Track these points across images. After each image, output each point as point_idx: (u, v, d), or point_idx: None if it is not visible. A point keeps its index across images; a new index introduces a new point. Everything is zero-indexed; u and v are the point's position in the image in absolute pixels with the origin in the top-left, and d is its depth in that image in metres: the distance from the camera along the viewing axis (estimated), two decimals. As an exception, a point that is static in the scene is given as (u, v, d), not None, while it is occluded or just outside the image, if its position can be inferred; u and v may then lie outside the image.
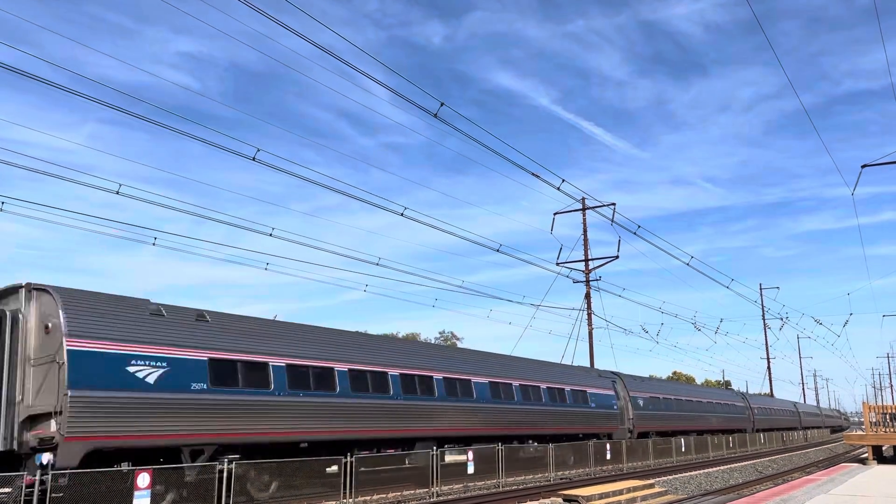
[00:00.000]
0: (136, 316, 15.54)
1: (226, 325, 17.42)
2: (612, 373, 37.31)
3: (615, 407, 34.69)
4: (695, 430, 45.03)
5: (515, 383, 27.23)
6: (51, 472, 12.51)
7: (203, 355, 16.19)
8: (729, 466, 33.18)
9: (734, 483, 27.63)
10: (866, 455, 27.50)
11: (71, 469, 13.11)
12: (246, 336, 17.61)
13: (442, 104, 20.75)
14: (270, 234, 23.94)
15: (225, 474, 15.30)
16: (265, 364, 17.58)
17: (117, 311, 15.26)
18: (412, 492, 20.11)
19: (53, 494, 12.37)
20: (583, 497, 19.79)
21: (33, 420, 13.99)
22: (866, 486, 17.18)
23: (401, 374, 21.59)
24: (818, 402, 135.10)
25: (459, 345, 75.34)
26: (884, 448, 28.90)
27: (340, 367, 19.59)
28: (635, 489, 22.12)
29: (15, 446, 13.70)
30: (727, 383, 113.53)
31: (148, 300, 16.30)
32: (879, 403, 30.31)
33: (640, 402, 37.56)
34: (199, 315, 17.01)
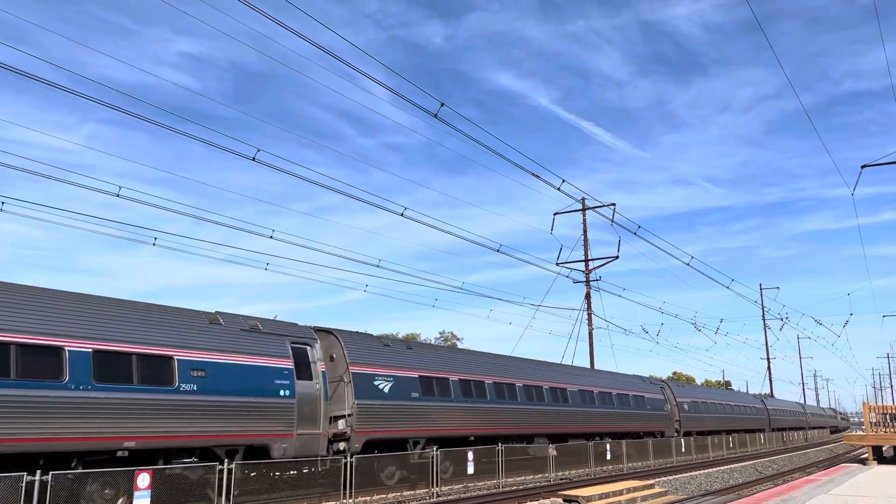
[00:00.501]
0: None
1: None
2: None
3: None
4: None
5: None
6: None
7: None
8: (729, 467, 33.17)
9: (734, 483, 27.62)
10: (866, 455, 27.51)
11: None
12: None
13: (442, 104, 20.76)
14: (271, 237, 23.97)
15: (224, 473, 15.31)
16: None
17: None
18: (412, 492, 20.15)
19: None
20: (583, 497, 19.78)
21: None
22: (866, 486, 17.18)
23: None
24: (818, 402, 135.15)
25: (459, 345, 75.34)
26: (884, 448, 28.90)
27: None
28: (635, 489, 22.12)
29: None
30: (727, 383, 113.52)
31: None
32: (879, 404, 30.30)
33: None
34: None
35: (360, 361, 20.39)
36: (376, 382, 20.41)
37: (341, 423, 19.69)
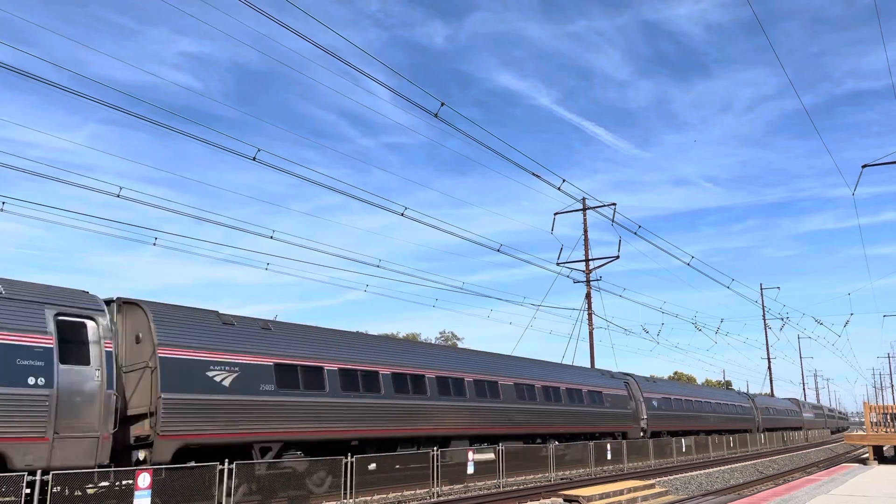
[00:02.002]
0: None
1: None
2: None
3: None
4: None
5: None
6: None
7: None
8: (730, 466, 33.17)
9: (735, 483, 27.63)
10: (867, 455, 27.50)
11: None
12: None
13: (442, 104, 20.75)
14: (271, 237, 23.96)
15: (222, 473, 15.31)
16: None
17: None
18: (412, 492, 20.14)
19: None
20: (583, 497, 19.78)
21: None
22: (867, 486, 17.18)
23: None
24: (818, 401, 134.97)
25: (460, 345, 75.29)
26: (884, 448, 28.90)
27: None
28: (636, 489, 22.12)
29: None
30: (728, 383, 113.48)
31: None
32: (880, 403, 30.29)
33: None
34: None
35: (176, 343, 15.76)
36: (209, 372, 16.11)
37: (146, 424, 15.27)
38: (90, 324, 14.23)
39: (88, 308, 14.45)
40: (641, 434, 36.39)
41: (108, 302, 15.85)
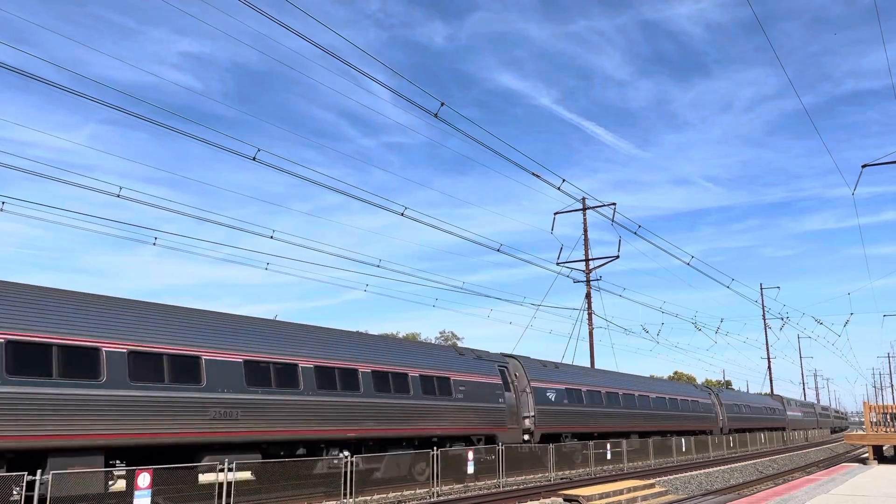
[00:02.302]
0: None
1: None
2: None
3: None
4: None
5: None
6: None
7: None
8: (729, 466, 33.18)
9: (734, 483, 27.64)
10: (867, 455, 27.52)
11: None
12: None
13: (442, 104, 20.77)
14: (271, 237, 23.97)
15: (227, 475, 15.30)
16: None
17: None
18: (412, 492, 20.14)
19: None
20: (583, 497, 19.80)
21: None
22: (867, 485, 17.19)
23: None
24: (818, 400, 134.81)
25: (460, 345, 75.18)
26: (884, 448, 28.91)
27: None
28: (636, 489, 22.14)
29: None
30: (728, 383, 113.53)
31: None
32: (880, 403, 30.31)
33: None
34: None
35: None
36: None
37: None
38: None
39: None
40: (525, 438, 27.81)
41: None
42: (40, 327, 13.75)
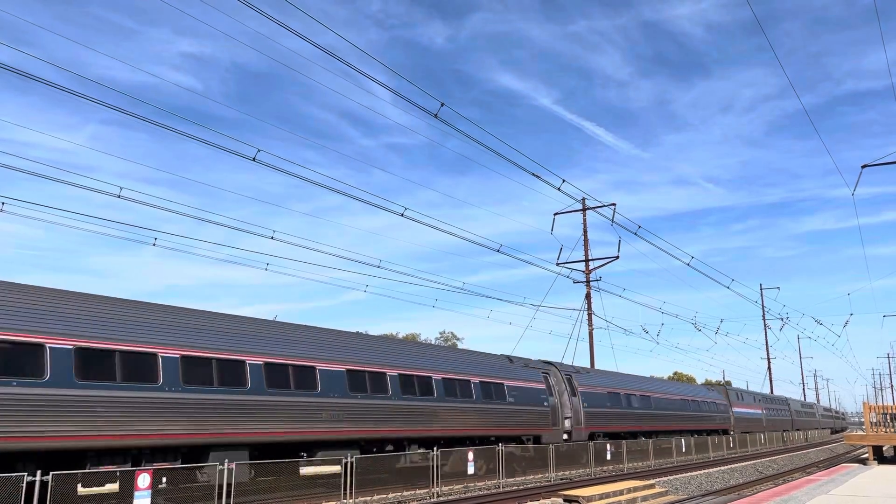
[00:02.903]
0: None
1: None
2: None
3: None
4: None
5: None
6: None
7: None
8: (729, 466, 33.18)
9: (734, 483, 27.63)
10: (867, 455, 27.51)
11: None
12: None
13: (442, 104, 20.78)
14: (271, 237, 23.99)
15: (227, 475, 15.33)
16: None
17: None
18: (412, 492, 20.16)
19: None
20: (583, 497, 19.80)
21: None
22: (867, 486, 17.19)
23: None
24: (818, 400, 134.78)
25: (460, 345, 75.28)
26: (884, 448, 28.90)
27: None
28: (636, 489, 22.13)
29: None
30: (727, 383, 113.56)
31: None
32: (880, 403, 30.31)
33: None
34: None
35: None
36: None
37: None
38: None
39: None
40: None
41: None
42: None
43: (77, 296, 15.25)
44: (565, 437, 29.61)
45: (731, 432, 49.34)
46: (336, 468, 18.35)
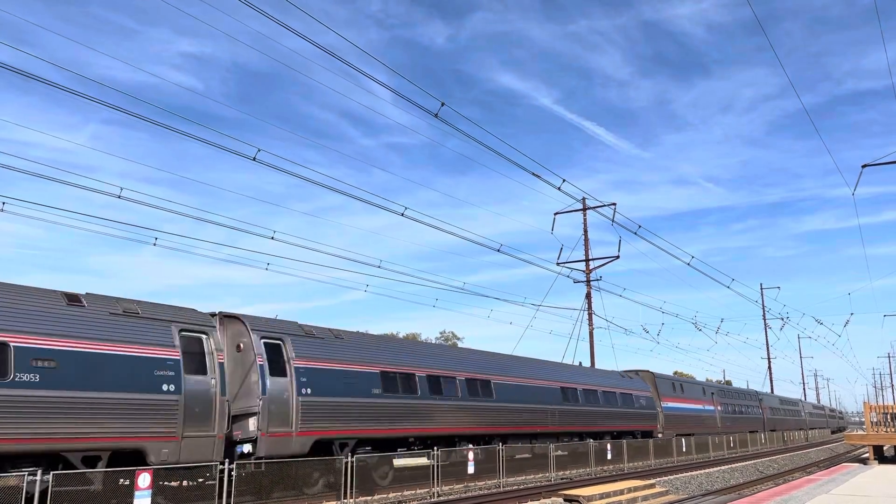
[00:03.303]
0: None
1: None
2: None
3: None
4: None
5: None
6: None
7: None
8: (730, 466, 33.17)
9: (735, 483, 27.63)
10: (867, 455, 27.51)
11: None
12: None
13: (442, 104, 20.76)
14: (272, 237, 23.92)
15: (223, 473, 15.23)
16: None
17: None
18: (413, 492, 20.16)
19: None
20: (583, 497, 19.79)
21: None
22: (867, 485, 17.18)
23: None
24: (818, 400, 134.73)
25: (460, 345, 75.22)
26: (885, 448, 28.89)
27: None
28: (636, 489, 22.13)
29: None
30: (728, 383, 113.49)
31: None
32: (880, 403, 30.30)
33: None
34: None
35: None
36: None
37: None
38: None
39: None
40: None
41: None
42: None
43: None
44: (247, 448, 17.17)
45: (658, 434, 38.25)
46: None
